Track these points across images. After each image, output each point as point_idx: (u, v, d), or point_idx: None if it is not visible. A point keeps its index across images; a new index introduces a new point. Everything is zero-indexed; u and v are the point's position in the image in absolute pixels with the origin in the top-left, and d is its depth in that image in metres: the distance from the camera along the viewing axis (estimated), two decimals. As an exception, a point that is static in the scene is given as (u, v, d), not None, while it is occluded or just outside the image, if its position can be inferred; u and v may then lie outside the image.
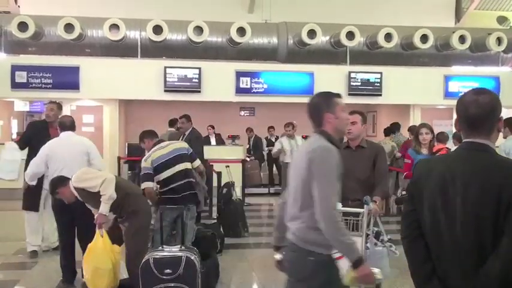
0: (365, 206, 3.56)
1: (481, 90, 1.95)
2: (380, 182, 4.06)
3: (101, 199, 4.40)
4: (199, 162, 5.56)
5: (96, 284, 4.50)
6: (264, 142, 12.64)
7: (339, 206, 3.45)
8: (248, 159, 11.64)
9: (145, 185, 5.04)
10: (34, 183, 5.52)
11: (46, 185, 5.88)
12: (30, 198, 5.97)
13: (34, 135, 6.00)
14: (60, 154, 5.25)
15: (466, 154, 1.93)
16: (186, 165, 5.24)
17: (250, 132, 12.93)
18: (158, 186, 5.27)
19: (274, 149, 9.63)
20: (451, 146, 8.09)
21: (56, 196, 4.79)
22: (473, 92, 1.95)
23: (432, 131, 5.36)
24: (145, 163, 5.12)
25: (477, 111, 1.89)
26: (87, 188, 4.51)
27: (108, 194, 4.39)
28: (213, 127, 12.66)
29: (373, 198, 3.76)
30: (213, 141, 12.53)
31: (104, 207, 4.41)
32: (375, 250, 3.69)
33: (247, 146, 12.88)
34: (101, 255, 4.48)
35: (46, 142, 5.51)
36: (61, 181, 4.71)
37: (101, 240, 4.50)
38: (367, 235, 3.67)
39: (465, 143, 1.96)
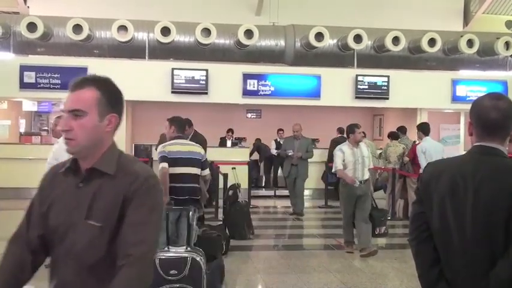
0: None
1: (498, 95, 1.93)
2: (124, 262, 1.61)
3: None
4: (208, 171, 5.50)
5: None
6: (273, 144, 12.24)
7: None
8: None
9: (162, 165, 5.06)
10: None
11: None
12: None
13: None
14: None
15: (477, 157, 1.91)
16: (196, 170, 5.21)
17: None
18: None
19: (337, 162, 6.49)
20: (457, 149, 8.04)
21: None
22: (491, 96, 1.92)
23: None
24: (163, 148, 5.16)
25: (498, 116, 1.87)
26: None
27: None
28: (232, 132, 12.57)
29: None
30: (229, 143, 12.47)
31: None
32: None
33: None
34: None
35: None
36: None
37: None
38: None
39: (476, 147, 1.93)
